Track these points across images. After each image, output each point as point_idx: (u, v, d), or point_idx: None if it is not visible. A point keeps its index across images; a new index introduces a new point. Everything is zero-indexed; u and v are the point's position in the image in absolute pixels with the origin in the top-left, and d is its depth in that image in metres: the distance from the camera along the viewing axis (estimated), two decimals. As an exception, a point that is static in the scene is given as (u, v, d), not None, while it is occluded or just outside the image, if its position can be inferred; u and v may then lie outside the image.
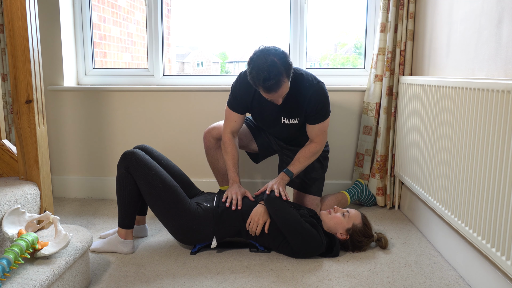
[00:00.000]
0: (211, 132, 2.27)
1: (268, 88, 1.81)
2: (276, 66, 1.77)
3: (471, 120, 1.58)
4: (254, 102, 2.09)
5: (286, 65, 1.82)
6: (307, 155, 2.10)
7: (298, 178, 2.23)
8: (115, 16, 4.31)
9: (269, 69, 1.76)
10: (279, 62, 1.79)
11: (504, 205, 1.37)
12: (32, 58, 1.66)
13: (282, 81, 1.80)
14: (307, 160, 2.10)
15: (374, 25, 2.67)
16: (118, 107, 2.76)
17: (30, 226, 1.56)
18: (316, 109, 2.01)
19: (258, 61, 1.79)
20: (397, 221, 2.39)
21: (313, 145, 2.10)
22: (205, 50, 10.37)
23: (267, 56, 1.79)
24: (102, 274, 1.77)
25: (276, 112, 2.08)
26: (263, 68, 1.77)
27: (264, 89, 1.82)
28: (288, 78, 1.85)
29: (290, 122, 2.09)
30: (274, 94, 1.85)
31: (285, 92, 1.88)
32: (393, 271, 1.80)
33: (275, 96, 1.87)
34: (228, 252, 1.97)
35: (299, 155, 2.10)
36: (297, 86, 2.00)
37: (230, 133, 2.14)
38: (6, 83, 2.74)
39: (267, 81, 1.77)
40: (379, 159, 2.54)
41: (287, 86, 1.87)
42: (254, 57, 1.83)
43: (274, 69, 1.77)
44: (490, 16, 1.62)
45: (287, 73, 1.83)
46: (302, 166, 2.10)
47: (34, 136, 1.69)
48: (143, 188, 1.88)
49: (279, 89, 1.82)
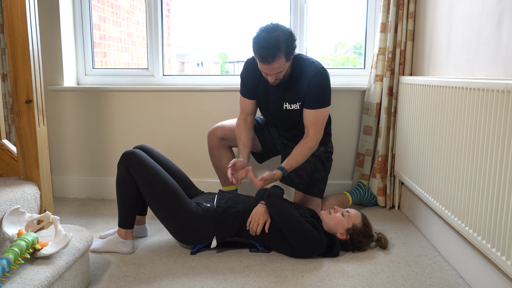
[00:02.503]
0: (215, 131, 2.28)
1: (262, 57, 1.84)
2: (278, 40, 1.82)
3: (471, 120, 1.58)
4: (259, 86, 2.12)
5: (288, 44, 1.86)
6: (303, 152, 2.07)
7: (300, 179, 2.23)
8: (115, 16, 4.31)
9: (270, 39, 1.82)
10: (283, 38, 1.84)
11: (504, 205, 1.37)
12: (32, 58, 1.66)
13: (278, 55, 1.83)
14: (303, 157, 2.08)
15: (374, 25, 2.67)
16: (118, 107, 2.76)
17: (30, 226, 1.56)
18: (313, 91, 2.01)
19: (265, 31, 1.86)
20: (397, 221, 2.39)
21: (307, 140, 2.07)
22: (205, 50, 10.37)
23: (275, 30, 1.85)
24: (102, 274, 1.77)
25: (279, 97, 2.10)
26: (266, 37, 1.83)
27: (259, 57, 1.86)
28: (286, 57, 1.87)
29: (292, 108, 2.09)
30: (267, 66, 1.87)
31: (279, 69, 1.89)
32: (393, 271, 1.80)
33: (268, 69, 1.90)
34: (228, 252, 1.97)
35: (295, 152, 2.07)
36: (300, 70, 2.03)
37: (243, 119, 2.20)
38: (6, 83, 2.75)
39: (263, 49, 1.82)
40: (380, 159, 2.54)
41: (282, 63, 1.88)
42: (264, 26, 1.89)
43: (275, 42, 1.82)
44: (490, 16, 1.62)
45: (287, 52, 1.86)
46: (297, 163, 2.07)
47: (34, 136, 1.69)
48: (143, 188, 1.88)
49: (273, 62, 1.85)
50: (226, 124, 2.32)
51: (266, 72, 1.93)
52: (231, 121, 2.36)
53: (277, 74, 1.95)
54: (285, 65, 1.92)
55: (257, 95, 2.18)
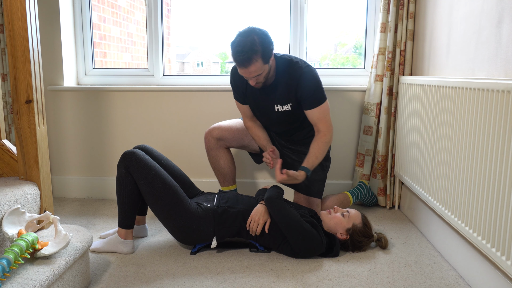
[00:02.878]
0: (212, 132, 2.28)
1: (239, 62, 1.87)
2: (253, 43, 1.84)
3: (471, 120, 1.58)
4: (248, 91, 2.14)
5: (265, 47, 1.87)
6: (320, 147, 2.07)
7: None
8: (115, 16, 4.31)
9: (245, 44, 1.84)
10: (258, 41, 1.85)
11: (504, 205, 1.37)
12: (32, 58, 1.66)
13: (254, 59, 1.84)
14: (322, 153, 2.07)
15: (374, 25, 2.67)
16: (118, 107, 2.76)
17: (30, 226, 1.56)
18: (307, 92, 2.02)
19: (240, 35, 1.88)
20: (397, 221, 2.39)
21: (321, 135, 2.08)
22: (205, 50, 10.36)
23: (250, 33, 1.87)
24: (102, 274, 1.77)
25: (269, 100, 2.10)
26: (241, 42, 1.85)
27: (235, 61, 1.89)
28: (263, 60, 1.88)
29: (283, 109, 2.10)
30: (245, 70, 1.89)
31: (256, 72, 1.90)
32: (393, 271, 1.80)
33: (246, 73, 1.91)
34: (228, 252, 1.97)
35: (312, 150, 2.07)
36: (286, 70, 2.04)
37: (249, 121, 2.25)
38: (6, 83, 2.75)
39: (239, 54, 1.84)
40: (380, 159, 2.54)
41: (259, 66, 1.89)
42: (240, 31, 1.90)
43: (250, 46, 1.84)
44: (490, 16, 1.62)
45: (263, 55, 1.87)
46: (318, 160, 2.07)
47: (34, 136, 1.69)
48: (143, 188, 1.88)
49: (249, 66, 1.86)
50: (222, 125, 2.32)
51: (245, 75, 1.94)
52: (227, 121, 2.36)
53: (257, 77, 1.95)
54: (264, 68, 1.92)
55: (248, 100, 2.20)
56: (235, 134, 2.30)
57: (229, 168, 2.32)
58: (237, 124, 2.34)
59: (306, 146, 2.24)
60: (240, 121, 2.36)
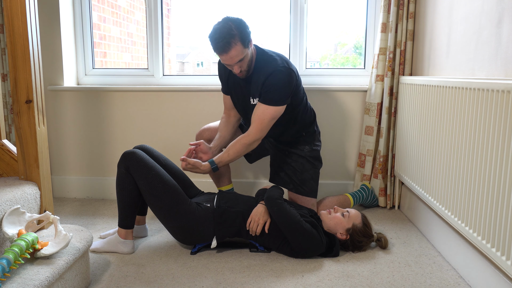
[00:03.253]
0: (202, 134, 2.30)
1: (219, 48, 1.89)
2: (230, 29, 1.88)
3: (471, 120, 1.58)
4: (230, 83, 2.16)
5: (241, 30, 1.89)
6: (237, 148, 2.03)
7: (289, 179, 2.22)
8: (115, 16, 4.31)
9: (222, 30, 1.88)
10: (234, 26, 1.89)
11: (504, 205, 1.37)
12: (32, 58, 1.66)
13: (233, 42, 1.87)
14: (236, 153, 2.03)
15: (374, 25, 2.67)
16: (118, 107, 2.76)
17: (30, 226, 1.56)
18: (269, 87, 1.98)
19: (216, 25, 1.91)
20: (397, 221, 2.39)
21: (246, 136, 2.03)
22: (205, 50, 10.36)
23: (225, 21, 1.91)
24: (102, 274, 1.77)
25: (246, 92, 2.11)
26: (217, 29, 1.89)
27: (216, 49, 1.91)
28: (243, 44, 1.90)
29: (254, 103, 2.09)
30: (226, 56, 1.90)
31: (238, 56, 1.91)
32: (393, 271, 1.80)
33: (227, 60, 1.92)
34: (228, 252, 1.97)
35: (229, 147, 2.04)
36: (262, 64, 2.04)
37: (226, 114, 2.26)
38: (6, 83, 2.75)
39: (217, 40, 1.87)
40: (381, 160, 2.54)
41: (240, 50, 1.90)
42: (215, 23, 1.93)
43: (226, 31, 1.87)
44: (490, 16, 1.62)
45: (241, 38, 1.89)
46: (229, 158, 2.03)
47: (34, 136, 1.69)
48: (143, 188, 1.88)
49: (230, 51, 1.88)
50: (212, 126, 2.33)
51: (228, 63, 1.95)
52: (217, 122, 2.36)
53: (240, 64, 1.95)
54: (244, 52, 1.92)
55: (230, 92, 2.21)
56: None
57: (223, 169, 2.32)
58: None
59: (295, 147, 2.23)
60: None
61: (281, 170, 2.25)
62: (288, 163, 2.23)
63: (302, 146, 2.23)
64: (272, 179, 2.29)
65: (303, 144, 2.24)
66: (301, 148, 2.23)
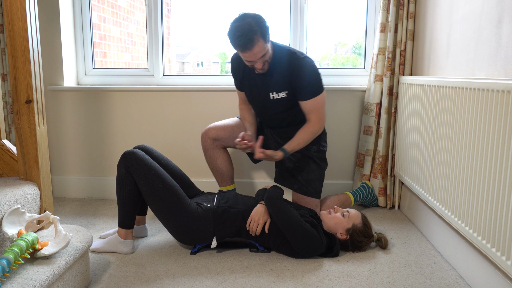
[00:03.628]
0: (208, 133, 2.29)
1: (242, 46, 1.89)
2: (250, 25, 1.87)
3: (471, 120, 1.58)
4: (244, 80, 2.18)
5: (262, 26, 1.90)
6: (305, 136, 2.12)
7: (295, 180, 2.23)
8: (115, 16, 4.31)
9: (243, 27, 1.87)
10: (253, 22, 1.89)
11: (504, 205, 1.37)
12: (32, 58, 1.66)
13: (255, 39, 1.87)
14: (305, 141, 2.12)
15: (374, 25, 2.67)
16: (118, 107, 2.76)
17: (30, 226, 1.56)
18: (302, 84, 2.04)
19: (235, 22, 1.91)
20: (397, 221, 2.39)
21: (310, 125, 2.12)
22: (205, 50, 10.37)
23: (244, 18, 1.91)
24: (102, 274, 1.77)
25: (264, 87, 2.12)
26: (238, 27, 1.88)
27: (238, 47, 1.91)
28: (264, 39, 1.91)
29: (279, 97, 2.11)
30: (249, 53, 1.91)
31: (261, 52, 1.92)
32: (393, 271, 1.80)
33: (251, 57, 1.93)
34: (228, 252, 1.97)
35: (297, 136, 2.12)
36: (284, 59, 2.06)
37: (243, 103, 2.33)
38: (6, 83, 2.75)
39: (240, 38, 1.87)
40: (380, 160, 2.54)
41: (262, 46, 1.91)
42: (233, 20, 1.93)
43: (248, 27, 1.87)
44: (490, 16, 1.62)
45: (262, 33, 1.90)
46: (299, 146, 2.12)
47: (34, 136, 1.69)
48: (143, 188, 1.88)
49: (253, 47, 1.89)
50: (218, 125, 2.32)
51: (251, 59, 1.95)
52: (223, 121, 2.36)
53: (263, 58, 1.97)
54: (266, 47, 1.94)
55: (244, 88, 2.23)
56: (231, 133, 2.30)
57: (226, 168, 2.32)
58: (232, 123, 2.34)
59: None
60: (236, 120, 2.36)
61: (286, 170, 2.26)
62: (294, 163, 2.24)
63: (309, 146, 2.24)
64: (277, 179, 2.30)
65: (310, 144, 2.24)
66: (308, 147, 2.24)
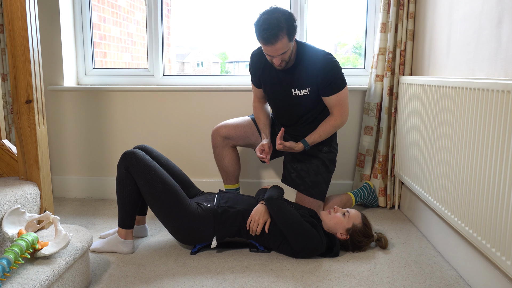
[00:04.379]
0: (219, 131, 2.29)
1: (265, 39, 1.88)
2: (278, 20, 1.88)
3: (471, 120, 1.58)
4: (265, 75, 2.17)
5: (290, 24, 1.91)
6: (326, 129, 2.15)
7: (301, 181, 2.23)
8: (115, 16, 4.31)
9: (271, 21, 1.87)
10: (283, 18, 1.89)
11: (504, 205, 1.37)
12: (32, 58, 1.66)
13: (280, 35, 1.88)
14: (326, 133, 2.16)
15: (374, 25, 2.67)
16: (118, 107, 2.76)
17: (30, 226, 1.56)
18: (325, 81, 2.06)
19: (265, 14, 1.91)
20: (397, 221, 2.39)
21: (332, 118, 2.15)
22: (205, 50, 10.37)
23: (274, 12, 1.91)
24: (102, 274, 1.77)
25: (288, 84, 2.12)
26: (266, 19, 1.88)
27: (262, 39, 1.90)
28: (289, 37, 1.92)
29: (301, 94, 2.12)
30: (271, 47, 1.91)
31: (282, 49, 1.92)
32: (393, 271, 1.80)
33: (272, 51, 1.93)
34: (228, 252, 1.97)
35: (319, 129, 2.15)
36: (305, 55, 2.08)
37: (257, 101, 2.32)
38: (6, 83, 2.75)
39: (265, 31, 1.87)
40: (381, 160, 2.54)
41: (285, 43, 1.92)
42: (263, 11, 1.94)
43: (276, 22, 1.86)
44: (490, 16, 1.62)
45: (288, 31, 1.90)
46: (320, 139, 2.15)
47: (34, 136, 1.69)
48: (143, 188, 1.88)
49: (276, 43, 1.89)
50: (230, 123, 2.32)
51: (271, 54, 1.96)
52: (235, 119, 2.36)
53: (282, 56, 1.97)
54: (289, 45, 1.94)
55: (264, 85, 2.22)
56: (242, 133, 2.30)
57: (232, 168, 2.32)
58: (244, 123, 2.34)
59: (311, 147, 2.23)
60: (248, 119, 2.36)
61: (294, 171, 2.26)
62: (303, 163, 2.24)
63: (321, 146, 2.25)
64: (284, 179, 2.31)
65: (321, 144, 2.25)
66: (320, 148, 2.24)
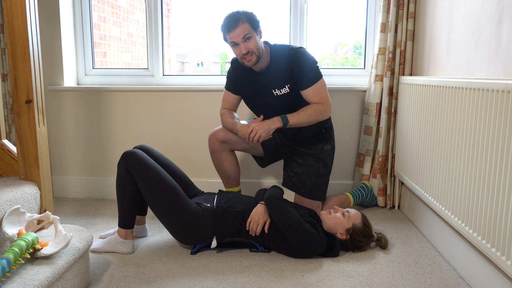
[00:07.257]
0: (216, 135, 2.28)
1: (227, 26, 2.01)
2: (238, 13, 2.03)
3: (471, 120, 1.58)
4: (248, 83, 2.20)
5: (248, 14, 2.04)
6: (308, 111, 2.09)
7: (302, 184, 2.23)
8: (115, 16, 4.31)
9: (231, 14, 2.04)
10: (242, 11, 2.04)
11: (504, 205, 1.37)
12: (32, 58, 1.66)
13: (240, 20, 2.00)
14: (307, 116, 2.08)
15: (374, 25, 2.67)
16: (118, 107, 2.76)
17: (30, 226, 1.56)
18: (296, 73, 2.08)
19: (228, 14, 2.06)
20: (397, 221, 2.39)
21: (314, 104, 2.11)
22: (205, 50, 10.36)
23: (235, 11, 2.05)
24: (102, 274, 1.77)
25: (267, 86, 2.15)
26: (228, 16, 2.04)
27: (225, 29, 2.03)
28: (250, 24, 2.01)
29: (282, 93, 2.14)
30: (233, 32, 2.00)
31: (244, 32, 2.00)
32: (393, 271, 1.80)
33: (235, 36, 2.00)
34: (228, 252, 1.97)
35: (301, 110, 2.10)
36: (275, 54, 2.13)
37: (227, 108, 2.31)
38: (6, 83, 2.75)
39: (226, 20, 2.02)
40: (380, 159, 2.54)
41: (247, 28, 2.00)
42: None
43: (235, 13, 2.03)
44: (490, 16, 1.62)
45: (249, 19, 2.01)
46: (299, 119, 2.08)
47: (34, 136, 1.69)
48: (143, 188, 1.88)
49: (238, 27, 1.99)
50: None
51: (235, 40, 2.02)
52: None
53: (248, 44, 2.01)
54: (252, 32, 2.01)
55: (244, 94, 2.25)
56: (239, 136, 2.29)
57: (232, 171, 2.31)
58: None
59: (311, 148, 2.23)
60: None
61: (294, 175, 2.25)
62: (303, 167, 2.23)
63: (323, 145, 2.25)
64: (285, 183, 2.30)
65: (323, 143, 2.25)
66: (322, 147, 2.25)
